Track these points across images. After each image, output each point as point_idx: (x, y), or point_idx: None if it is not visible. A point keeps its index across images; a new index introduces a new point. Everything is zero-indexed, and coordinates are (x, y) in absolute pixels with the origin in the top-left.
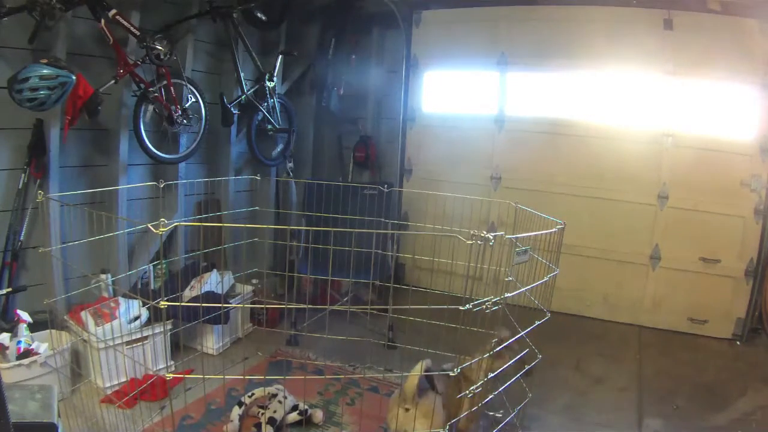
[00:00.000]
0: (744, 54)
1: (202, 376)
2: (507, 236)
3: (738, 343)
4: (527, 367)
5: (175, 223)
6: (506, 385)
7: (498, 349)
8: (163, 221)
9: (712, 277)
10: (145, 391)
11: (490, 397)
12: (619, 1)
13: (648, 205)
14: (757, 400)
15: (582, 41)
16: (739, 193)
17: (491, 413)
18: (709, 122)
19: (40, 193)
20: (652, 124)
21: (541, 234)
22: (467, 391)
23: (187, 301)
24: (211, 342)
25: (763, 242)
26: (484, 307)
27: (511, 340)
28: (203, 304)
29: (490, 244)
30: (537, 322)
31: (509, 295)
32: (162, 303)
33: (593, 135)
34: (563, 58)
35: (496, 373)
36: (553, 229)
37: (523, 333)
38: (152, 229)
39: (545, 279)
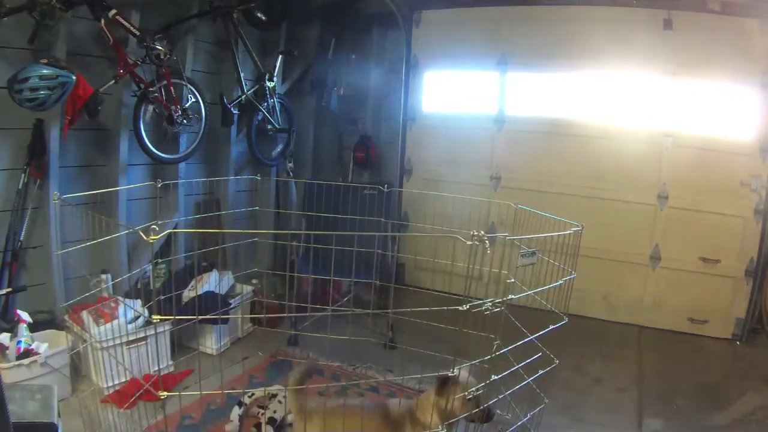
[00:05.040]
0: (744, 54)
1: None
2: (509, 238)
3: (738, 343)
4: (541, 372)
5: (168, 231)
6: (516, 388)
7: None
8: (155, 228)
9: (712, 277)
10: (144, 390)
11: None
12: (619, 1)
13: (648, 205)
14: (757, 400)
15: (582, 41)
16: (739, 193)
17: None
18: (708, 122)
19: (55, 194)
20: (652, 124)
21: (552, 236)
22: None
23: (187, 302)
24: (211, 342)
25: (763, 242)
26: (485, 308)
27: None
28: (199, 311)
29: (486, 246)
30: (552, 326)
31: (513, 297)
32: (155, 317)
33: (593, 135)
34: (563, 58)
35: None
36: (567, 231)
37: (533, 337)
38: (143, 236)
39: (558, 282)
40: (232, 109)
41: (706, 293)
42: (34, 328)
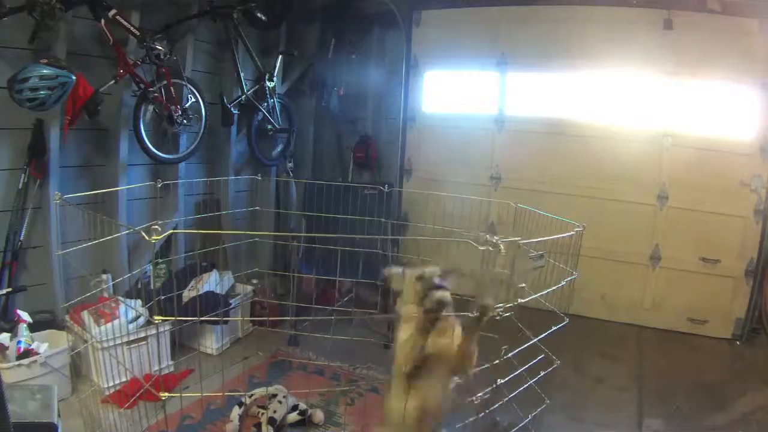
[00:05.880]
0: (744, 54)
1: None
2: (522, 241)
3: (738, 343)
4: (542, 374)
5: (169, 232)
6: (519, 390)
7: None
8: (157, 228)
9: (712, 277)
10: (145, 390)
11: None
12: (619, 1)
13: (648, 205)
14: (757, 400)
15: (582, 41)
16: (739, 193)
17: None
18: (709, 122)
19: (56, 194)
20: (651, 124)
21: (558, 238)
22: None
23: (187, 302)
24: (211, 342)
25: (763, 242)
26: (495, 313)
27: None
28: (200, 311)
29: (501, 251)
30: (554, 327)
31: (522, 300)
32: (156, 318)
33: (593, 135)
34: (563, 58)
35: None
36: (571, 233)
37: (536, 339)
38: (145, 236)
39: (562, 284)
40: (232, 109)
41: (706, 293)
42: (34, 328)
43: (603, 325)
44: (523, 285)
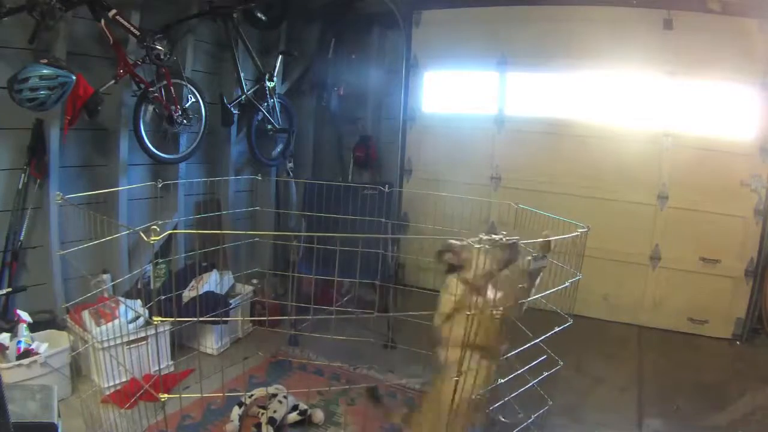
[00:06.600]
0: (744, 54)
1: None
2: (523, 242)
3: (738, 343)
4: (545, 374)
5: (168, 232)
6: (520, 390)
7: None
8: (155, 229)
9: (712, 277)
10: (145, 391)
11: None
12: (619, 1)
13: (648, 205)
14: (757, 400)
15: (582, 41)
16: (739, 193)
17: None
18: (709, 122)
19: (58, 194)
20: (651, 124)
21: (565, 238)
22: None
23: (187, 302)
24: (212, 342)
25: (763, 242)
26: (492, 312)
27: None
28: (199, 311)
29: (503, 240)
30: (557, 328)
31: (524, 301)
32: (155, 319)
33: (593, 135)
34: (563, 58)
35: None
36: (575, 234)
37: (538, 340)
38: (144, 237)
39: (565, 285)
40: (232, 109)
41: (706, 293)
42: (34, 328)
43: (603, 325)
44: (522, 285)
